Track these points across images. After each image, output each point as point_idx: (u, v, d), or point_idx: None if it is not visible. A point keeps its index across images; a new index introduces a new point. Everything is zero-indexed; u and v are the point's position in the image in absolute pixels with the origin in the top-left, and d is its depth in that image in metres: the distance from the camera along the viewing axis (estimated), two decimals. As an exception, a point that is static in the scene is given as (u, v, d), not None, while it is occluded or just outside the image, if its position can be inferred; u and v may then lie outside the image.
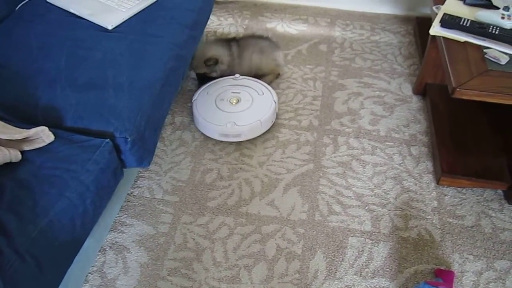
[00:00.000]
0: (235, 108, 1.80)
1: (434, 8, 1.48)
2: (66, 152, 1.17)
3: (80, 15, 1.58)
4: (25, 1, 1.64)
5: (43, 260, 1.00)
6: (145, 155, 1.34)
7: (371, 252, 1.45)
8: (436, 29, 1.39)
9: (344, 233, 1.50)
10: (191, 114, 1.89)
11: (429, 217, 1.55)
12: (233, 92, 1.86)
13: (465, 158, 1.63)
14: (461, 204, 1.58)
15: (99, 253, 1.44)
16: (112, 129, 1.25)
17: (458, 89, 1.20)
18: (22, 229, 0.99)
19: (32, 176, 1.10)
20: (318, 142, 1.78)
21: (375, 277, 1.39)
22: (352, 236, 1.49)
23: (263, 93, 1.87)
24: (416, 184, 1.64)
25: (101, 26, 1.53)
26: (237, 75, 1.92)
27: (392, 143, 1.78)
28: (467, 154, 1.64)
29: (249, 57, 1.98)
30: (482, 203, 1.59)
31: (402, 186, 1.64)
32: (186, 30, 1.59)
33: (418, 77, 1.94)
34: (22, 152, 1.14)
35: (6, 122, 1.17)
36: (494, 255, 1.45)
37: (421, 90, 1.94)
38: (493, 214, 1.55)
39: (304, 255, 1.44)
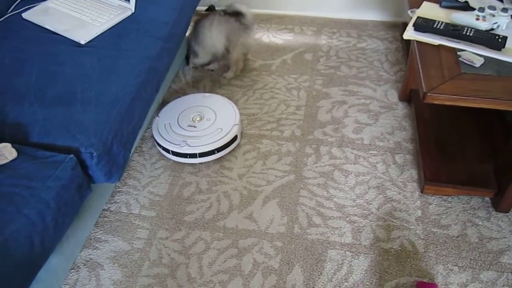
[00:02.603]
0: (195, 127, 1.76)
1: (409, 12, 1.45)
2: (28, 168, 1.15)
3: (55, 31, 1.57)
4: (2, 18, 1.64)
5: (-3, 281, 0.97)
6: (114, 170, 1.32)
7: (351, 265, 1.40)
8: (409, 33, 1.36)
9: (324, 246, 1.45)
10: (172, 127, 1.87)
11: (413, 227, 1.49)
12: (196, 112, 1.81)
13: (450, 166, 1.58)
14: (446, 213, 1.53)
15: (73, 270, 1.41)
16: (77, 145, 1.23)
17: (429, 94, 1.16)
18: (-25, 248, 0.97)
19: (-10, 193, 1.08)
20: (300, 153, 1.75)
21: (354, 291, 1.34)
22: (331, 249, 1.44)
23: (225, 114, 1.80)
24: (399, 193, 1.59)
25: (74, 41, 1.53)
26: (206, 94, 1.90)
27: (376, 152, 1.73)
28: (452, 161, 1.59)
29: (214, 41, 2.00)
30: (469, 211, 1.53)
31: (385, 195, 1.59)
32: (160, 43, 1.57)
33: (403, 84, 1.90)
34: (-17, 170, 1.13)
35: (-31, 140, 1.16)
36: (480, 266, 1.39)
37: (407, 96, 1.90)
38: (480, 223, 1.50)
39: (281, 269, 1.40)
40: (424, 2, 1.49)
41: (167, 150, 1.70)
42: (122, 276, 1.40)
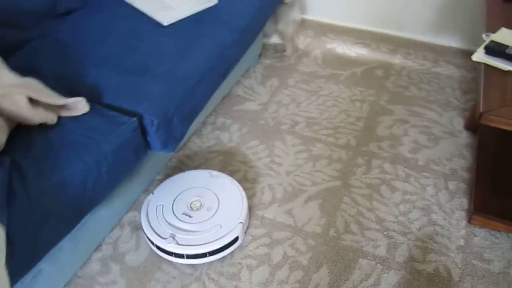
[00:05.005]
0: (190, 217, 1.44)
1: (484, 35, 1.41)
2: (95, 122, 1.28)
3: (142, 11, 1.72)
4: (100, -6, 1.83)
5: (50, 212, 1.09)
6: (170, 140, 1.42)
7: (379, 277, 1.39)
8: (479, 55, 1.33)
9: (356, 254, 1.45)
10: (233, 118, 1.96)
11: (452, 254, 1.45)
12: (197, 195, 1.50)
13: (504, 200, 1.51)
14: (491, 247, 1.46)
15: (118, 227, 1.53)
16: (141, 111, 1.34)
17: (485, 115, 1.13)
18: (38, 180, 1.10)
19: (60, 138, 1.22)
20: (351, 161, 1.75)
21: (377, 302, 1.33)
22: (363, 258, 1.44)
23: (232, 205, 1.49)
24: (445, 219, 1.55)
25: (158, 22, 1.67)
26: (214, 172, 1.59)
27: (428, 174, 1.70)
28: (507, 196, 1.52)
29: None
30: (516, 251, 1.45)
31: (429, 218, 1.55)
32: (234, 34, 1.67)
33: (471, 112, 1.84)
34: (59, 117, 1.28)
35: (52, 90, 1.31)
36: (517, 308, 1.32)
37: (473, 125, 1.84)
38: (527, 265, 1.42)
39: (309, 266, 1.42)
40: (502, 28, 1.45)
41: (151, 241, 1.42)
42: (160, 242, 1.49)
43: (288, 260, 1.44)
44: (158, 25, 1.66)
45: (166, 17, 1.67)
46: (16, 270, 1.02)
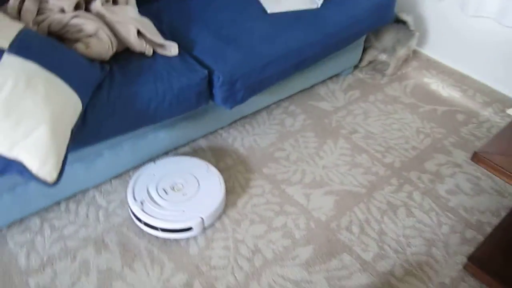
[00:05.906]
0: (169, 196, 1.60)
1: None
2: (176, 63, 1.65)
3: (259, -2, 2.07)
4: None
5: (118, 110, 1.49)
6: (230, 99, 1.73)
7: (352, 273, 1.53)
8: (514, 111, 1.38)
9: (344, 249, 1.60)
10: (304, 109, 2.20)
11: (431, 286, 1.51)
12: (184, 179, 1.66)
13: (507, 260, 1.51)
14: (474, 297, 1.49)
15: (173, 153, 1.90)
16: (214, 67, 1.68)
17: (478, 155, 1.21)
18: (120, 86, 1.50)
19: (148, 65, 1.62)
20: (385, 179, 1.87)
21: (338, 290, 1.48)
22: (348, 254, 1.59)
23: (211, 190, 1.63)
24: (443, 257, 1.60)
25: (264, 9, 1.99)
26: (212, 168, 1.72)
27: (452, 216, 1.74)
28: (509, 260, 1.51)
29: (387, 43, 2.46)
30: (497, 311, 1.46)
31: (428, 250, 1.62)
32: (319, 36, 1.91)
33: (526, 178, 1.81)
34: (154, 52, 1.68)
35: (159, 32, 1.72)
36: None
37: (524, 192, 1.81)
38: (500, 326, 1.42)
39: (299, 240, 1.62)
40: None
41: (127, 200, 1.59)
42: (196, 176, 1.82)
43: (285, 229, 1.65)
44: (264, 11, 1.98)
45: (271, 7, 1.98)
46: (83, 138, 1.43)
